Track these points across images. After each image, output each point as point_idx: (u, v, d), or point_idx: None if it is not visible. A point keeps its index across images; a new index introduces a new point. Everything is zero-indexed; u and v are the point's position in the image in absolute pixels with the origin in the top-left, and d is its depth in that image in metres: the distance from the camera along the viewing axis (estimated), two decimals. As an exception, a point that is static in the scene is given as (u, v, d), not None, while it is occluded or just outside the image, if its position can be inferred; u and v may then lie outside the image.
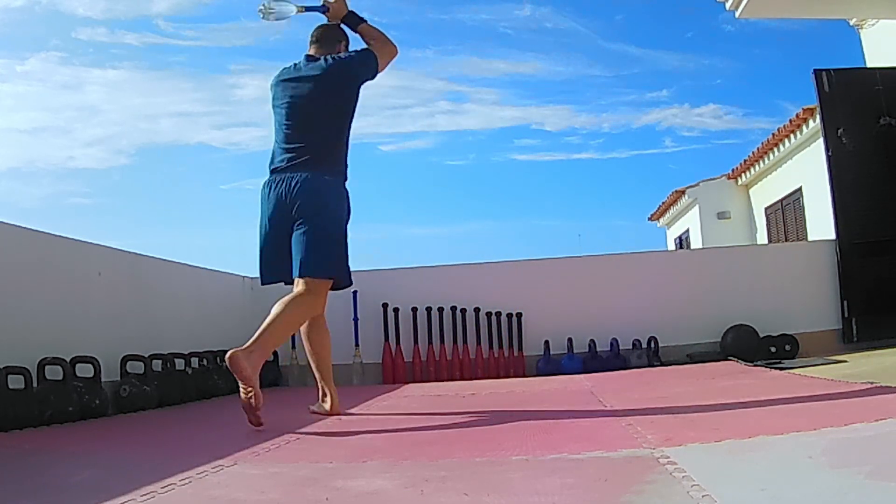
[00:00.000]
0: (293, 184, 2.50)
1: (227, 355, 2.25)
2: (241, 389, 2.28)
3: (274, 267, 2.58)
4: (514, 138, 24.67)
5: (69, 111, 22.08)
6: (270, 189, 2.56)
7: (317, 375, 2.72)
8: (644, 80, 22.07)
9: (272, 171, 2.59)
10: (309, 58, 2.69)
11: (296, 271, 2.48)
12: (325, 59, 2.63)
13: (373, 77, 2.66)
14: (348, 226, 2.66)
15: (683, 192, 12.46)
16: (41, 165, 21.19)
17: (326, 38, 2.75)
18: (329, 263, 2.54)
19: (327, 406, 2.71)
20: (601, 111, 24.17)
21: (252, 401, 2.25)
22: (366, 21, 2.76)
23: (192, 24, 21.18)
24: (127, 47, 20.36)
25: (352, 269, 2.72)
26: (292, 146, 2.56)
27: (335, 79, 2.60)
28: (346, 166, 2.65)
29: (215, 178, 24.91)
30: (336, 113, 2.60)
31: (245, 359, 2.24)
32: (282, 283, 2.65)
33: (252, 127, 22.24)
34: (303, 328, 2.67)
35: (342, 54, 2.70)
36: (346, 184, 2.66)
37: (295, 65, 2.70)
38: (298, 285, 2.50)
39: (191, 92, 22.01)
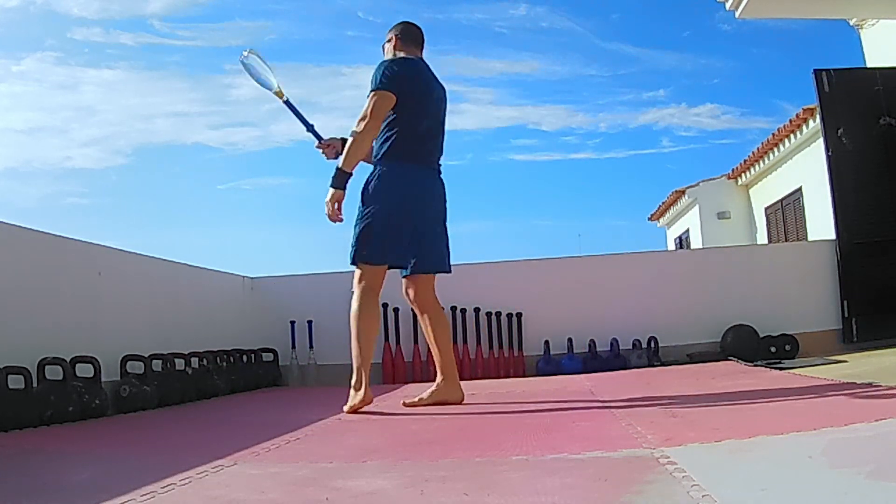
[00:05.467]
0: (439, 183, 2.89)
1: (460, 401, 2.89)
2: None
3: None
4: (512, 138, 24.68)
5: (66, 111, 22.11)
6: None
7: (354, 363, 2.74)
8: (641, 80, 22.10)
9: (427, 164, 2.82)
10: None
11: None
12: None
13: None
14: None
15: (683, 192, 12.46)
16: (38, 165, 21.22)
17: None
18: (351, 247, 2.79)
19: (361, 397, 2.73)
20: (598, 111, 24.19)
21: None
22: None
23: (187, 23, 21.20)
24: (122, 47, 20.39)
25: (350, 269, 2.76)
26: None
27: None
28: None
29: (212, 178, 24.93)
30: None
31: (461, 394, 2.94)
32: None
33: (248, 127, 22.28)
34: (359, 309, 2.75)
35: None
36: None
37: (420, 61, 2.84)
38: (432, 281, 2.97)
39: (187, 92, 22.04)
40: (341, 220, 2.70)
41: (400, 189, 2.70)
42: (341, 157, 2.68)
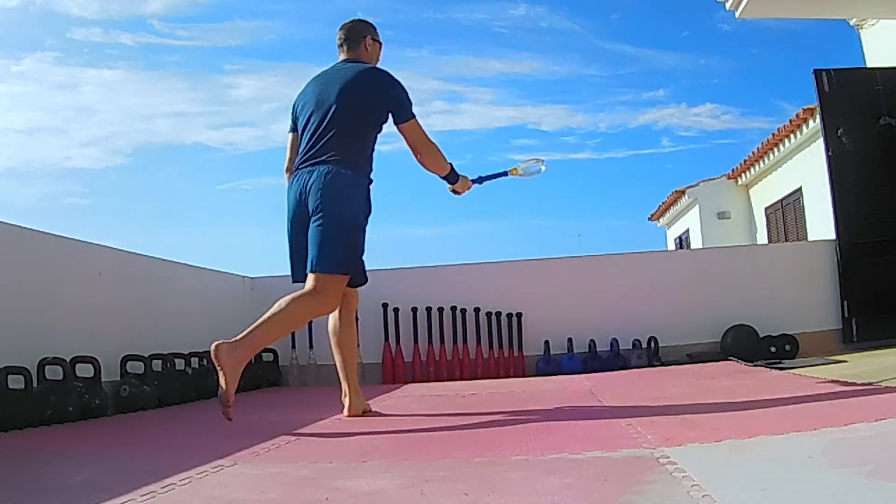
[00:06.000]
0: (311, 177, 2.47)
1: (213, 346, 2.21)
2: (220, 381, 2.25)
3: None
4: (511, 138, 24.69)
5: (65, 111, 22.12)
6: (292, 184, 2.57)
7: (339, 374, 2.68)
8: (640, 80, 22.13)
9: (299, 168, 2.56)
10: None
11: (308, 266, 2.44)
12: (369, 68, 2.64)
13: (396, 122, 2.58)
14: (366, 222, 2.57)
15: (683, 192, 12.46)
16: (38, 165, 21.23)
17: (352, 35, 2.71)
18: (336, 258, 2.44)
19: (346, 405, 2.66)
20: (597, 111, 24.22)
21: (224, 398, 2.23)
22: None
23: (186, 23, 21.23)
24: (122, 47, 20.42)
25: None
26: (315, 142, 2.54)
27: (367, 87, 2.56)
28: (369, 165, 2.60)
29: (212, 178, 24.96)
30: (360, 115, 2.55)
31: (229, 353, 2.22)
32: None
33: (248, 127, 22.31)
34: (331, 326, 2.66)
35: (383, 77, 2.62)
36: (370, 183, 2.59)
37: (319, 75, 2.70)
38: (308, 282, 2.45)
39: (186, 92, 22.06)
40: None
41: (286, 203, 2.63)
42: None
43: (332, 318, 2.65)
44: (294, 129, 2.70)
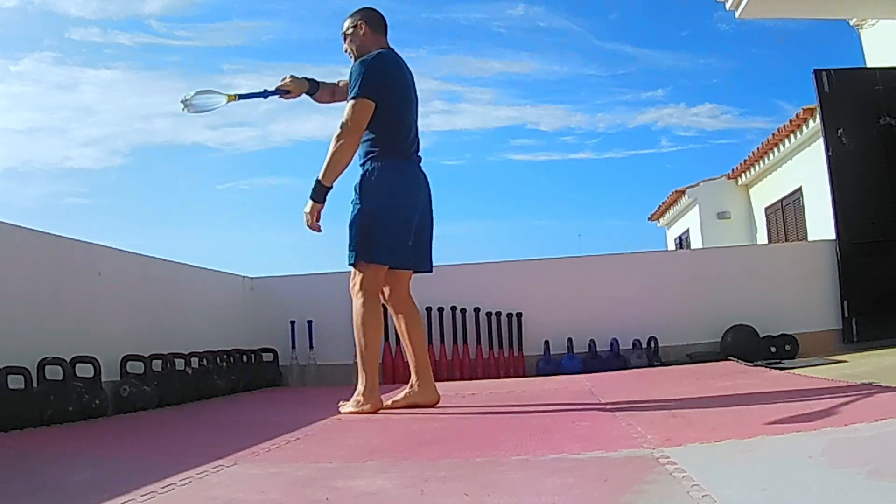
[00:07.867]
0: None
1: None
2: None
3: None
4: (510, 138, 24.69)
5: (64, 111, 22.09)
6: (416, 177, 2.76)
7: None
8: (639, 80, 22.11)
9: (412, 159, 2.76)
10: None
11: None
12: None
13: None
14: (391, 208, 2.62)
15: (683, 192, 12.46)
16: (37, 165, 21.22)
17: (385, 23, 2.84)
18: (351, 249, 2.62)
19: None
20: (596, 111, 24.19)
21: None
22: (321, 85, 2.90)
23: (184, 23, 21.20)
24: (120, 47, 20.40)
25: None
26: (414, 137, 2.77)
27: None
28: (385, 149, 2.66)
29: (211, 179, 24.92)
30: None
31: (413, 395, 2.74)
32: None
33: (246, 127, 22.29)
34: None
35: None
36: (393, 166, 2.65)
37: (394, 52, 2.77)
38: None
39: (185, 92, 22.00)
40: (320, 231, 2.63)
41: (400, 186, 2.62)
42: (321, 170, 2.57)
43: (363, 309, 2.68)
44: (374, 98, 2.58)
